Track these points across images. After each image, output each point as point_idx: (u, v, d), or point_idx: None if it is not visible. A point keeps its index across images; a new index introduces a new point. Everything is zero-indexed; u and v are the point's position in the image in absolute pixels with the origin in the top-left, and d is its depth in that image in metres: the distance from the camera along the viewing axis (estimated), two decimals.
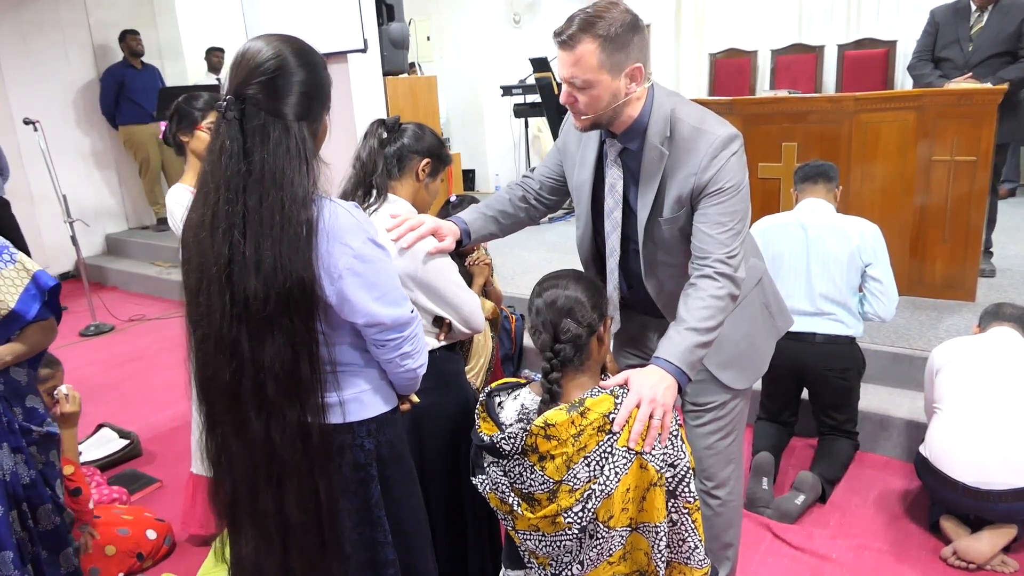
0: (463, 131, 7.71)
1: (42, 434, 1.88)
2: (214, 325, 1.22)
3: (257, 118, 1.20)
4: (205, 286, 1.23)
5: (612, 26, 1.44)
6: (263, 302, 1.20)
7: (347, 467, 1.37)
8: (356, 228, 1.27)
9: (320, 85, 1.27)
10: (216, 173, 1.21)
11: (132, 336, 4.94)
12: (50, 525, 1.88)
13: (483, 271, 2.87)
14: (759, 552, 2.38)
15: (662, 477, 1.29)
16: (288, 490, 1.28)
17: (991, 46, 3.69)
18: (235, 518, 1.33)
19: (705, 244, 1.53)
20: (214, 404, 1.29)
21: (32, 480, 1.83)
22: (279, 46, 1.23)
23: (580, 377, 1.40)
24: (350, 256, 1.25)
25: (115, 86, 6.31)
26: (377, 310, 1.29)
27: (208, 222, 1.21)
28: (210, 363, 1.25)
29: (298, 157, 1.22)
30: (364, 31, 4.23)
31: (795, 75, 6.32)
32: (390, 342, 1.35)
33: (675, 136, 1.56)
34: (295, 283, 1.20)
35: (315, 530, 1.30)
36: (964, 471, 2.22)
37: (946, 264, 3.50)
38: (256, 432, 1.25)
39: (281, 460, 1.26)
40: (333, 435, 1.33)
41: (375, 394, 1.41)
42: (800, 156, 3.56)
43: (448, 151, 1.89)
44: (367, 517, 1.41)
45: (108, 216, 6.73)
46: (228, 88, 1.22)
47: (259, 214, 1.19)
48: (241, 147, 1.20)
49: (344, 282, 1.25)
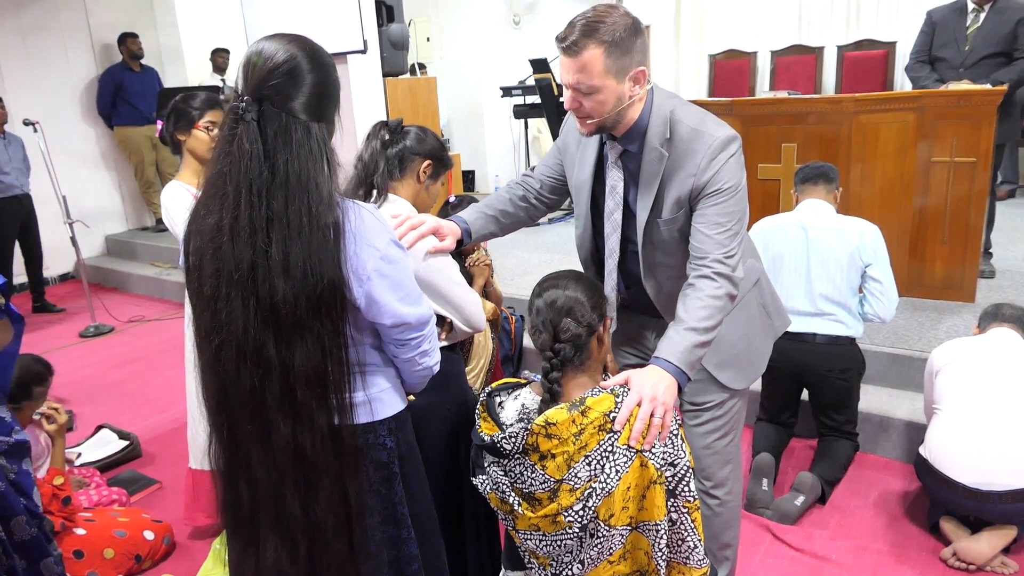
0: (463, 132, 7.71)
1: (10, 444, 1.82)
2: (235, 332, 1.20)
3: (278, 120, 1.18)
4: (224, 292, 1.19)
5: (616, 31, 1.44)
6: (293, 306, 1.18)
7: (371, 466, 1.37)
8: (381, 230, 1.27)
9: (333, 86, 1.27)
10: (235, 176, 1.18)
11: (132, 337, 4.94)
12: (26, 535, 1.83)
13: (483, 272, 2.87)
14: (759, 553, 2.38)
15: (662, 475, 1.30)
16: (317, 494, 1.26)
17: (987, 46, 3.70)
18: (255, 527, 1.31)
19: (703, 244, 1.53)
20: (233, 413, 1.25)
21: (2, 491, 1.77)
22: (292, 47, 1.22)
23: (580, 377, 1.41)
24: (377, 258, 1.24)
25: (112, 88, 6.33)
26: (403, 310, 1.29)
27: (228, 227, 1.18)
28: (230, 371, 1.22)
29: (321, 158, 1.20)
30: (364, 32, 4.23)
31: (795, 76, 6.32)
32: (411, 341, 1.35)
33: (674, 138, 1.57)
34: (325, 286, 1.19)
35: (344, 532, 1.29)
36: (964, 472, 2.22)
37: (945, 265, 3.50)
38: (283, 438, 1.23)
39: (312, 464, 1.25)
40: (359, 435, 1.33)
41: (394, 392, 1.42)
42: (800, 157, 3.56)
43: (449, 154, 1.89)
44: (391, 515, 1.41)
45: (108, 217, 6.73)
46: (244, 89, 1.20)
47: (285, 218, 1.17)
48: (262, 149, 1.17)
49: (372, 284, 1.25)
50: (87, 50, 6.46)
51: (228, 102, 1.24)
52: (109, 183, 6.72)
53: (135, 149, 6.53)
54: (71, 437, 3.40)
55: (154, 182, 6.73)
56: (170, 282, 5.71)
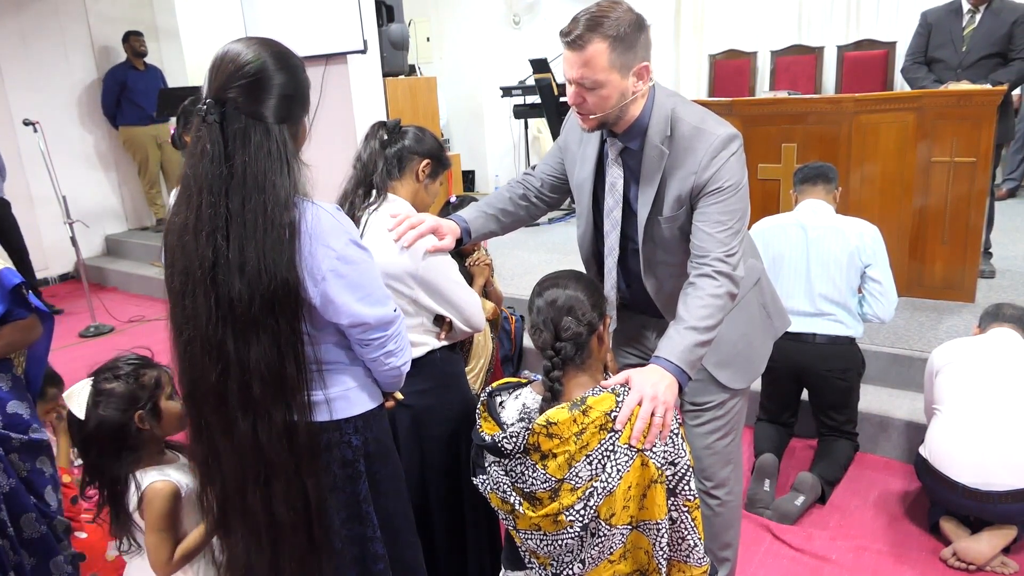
0: (463, 132, 7.71)
1: (23, 441, 1.83)
2: (199, 327, 1.24)
3: (238, 121, 1.21)
4: (190, 289, 1.24)
5: (620, 26, 1.45)
6: (248, 304, 1.21)
7: (335, 464, 1.39)
8: (338, 230, 1.29)
9: (300, 87, 1.29)
10: (198, 176, 1.22)
11: (132, 337, 4.93)
12: (35, 533, 1.84)
13: (483, 271, 2.87)
14: (759, 553, 2.38)
15: (663, 475, 1.30)
16: (276, 489, 1.29)
17: (984, 47, 3.70)
18: (225, 518, 1.34)
19: (704, 243, 1.53)
20: (201, 406, 1.29)
21: (12, 488, 1.78)
22: (258, 50, 1.24)
23: (581, 376, 1.41)
24: (333, 258, 1.27)
25: (116, 87, 6.32)
26: (361, 310, 1.31)
27: (192, 225, 1.22)
28: (196, 365, 1.26)
29: (279, 160, 1.23)
30: (364, 32, 4.23)
31: (795, 76, 6.32)
32: (374, 341, 1.36)
33: (675, 135, 1.57)
34: (279, 285, 1.22)
35: (304, 528, 1.32)
36: (964, 472, 2.22)
37: (945, 265, 3.50)
38: (243, 433, 1.27)
39: (269, 460, 1.28)
40: (320, 433, 1.35)
41: (361, 391, 1.42)
42: (800, 157, 3.56)
43: (447, 154, 1.89)
44: (355, 513, 1.42)
45: (108, 217, 6.72)
46: (208, 91, 1.23)
47: (242, 217, 1.20)
48: (222, 150, 1.21)
49: (328, 284, 1.27)
50: (87, 50, 6.46)
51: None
52: (109, 183, 6.72)
53: (139, 148, 6.52)
54: None
55: (158, 182, 6.73)
56: None
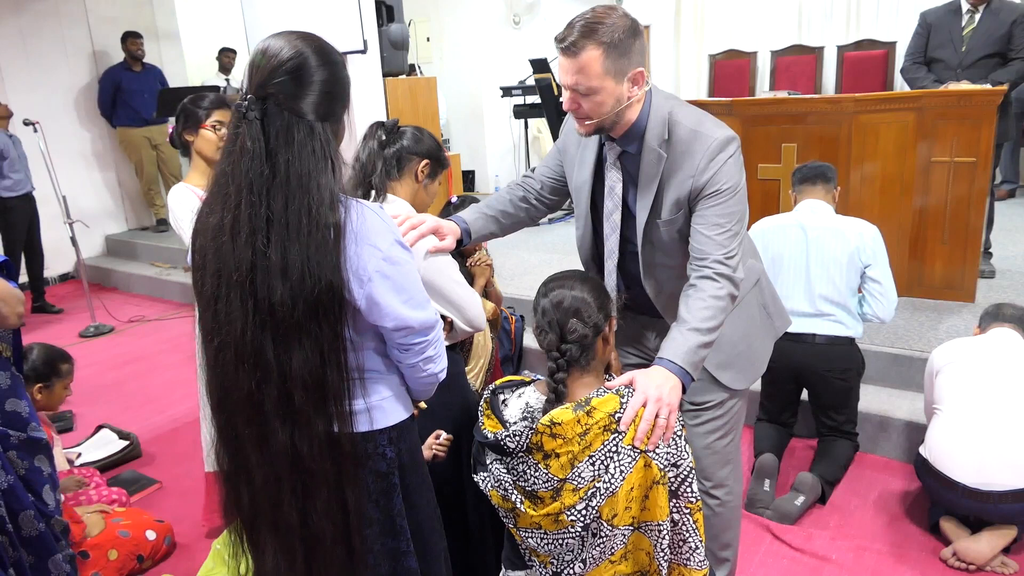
0: (463, 132, 7.71)
1: (22, 439, 1.82)
2: (234, 334, 1.17)
3: (280, 118, 1.16)
4: (224, 293, 1.17)
5: (615, 32, 1.45)
6: (291, 309, 1.15)
7: (370, 477, 1.33)
8: (384, 230, 1.23)
9: (341, 84, 1.24)
10: (237, 175, 1.16)
11: (132, 337, 4.93)
12: (34, 531, 1.83)
13: (484, 272, 2.88)
14: (759, 553, 2.38)
15: (665, 476, 1.30)
16: (315, 502, 1.23)
17: (983, 47, 3.70)
18: (255, 532, 1.29)
19: (703, 245, 1.53)
20: (233, 415, 1.23)
21: (10, 485, 1.78)
22: (300, 44, 1.19)
23: (585, 377, 1.41)
24: (379, 259, 1.21)
25: (111, 88, 6.33)
26: (406, 313, 1.25)
27: (229, 226, 1.16)
28: (229, 373, 1.20)
29: (324, 158, 1.17)
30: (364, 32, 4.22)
31: (795, 76, 6.33)
32: (415, 346, 1.31)
33: (673, 139, 1.57)
34: (324, 288, 1.16)
35: (342, 542, 1.26)
36: (964, 472, 2.22)
37: (945, 265, 3.50)
38: (281, 443, 1.20)
39: (309, 471, 1.22)
40: (361, 443, 1.30)
41: (396, 401, 1.37)
42: (799, 157, 3.56)
43: (446, 154, 1.89)
44: (390, 527, 1.37)
45: (108, 217, 6.73)
46: (248, 87, 1.18)
47: (284, 218, 1.15)
48: (264, 148, 1.15)
49: (374, 285, 1.21)
50: (87, 50, 6.46)
51: (234, 101, 1.21)
52: (109, 183, 6.72)
53: (134, 149, 6.53)
54: (71, 437, 3.41)
55: (156, 182, 6.74)
56: (170, 282, 5.71)
